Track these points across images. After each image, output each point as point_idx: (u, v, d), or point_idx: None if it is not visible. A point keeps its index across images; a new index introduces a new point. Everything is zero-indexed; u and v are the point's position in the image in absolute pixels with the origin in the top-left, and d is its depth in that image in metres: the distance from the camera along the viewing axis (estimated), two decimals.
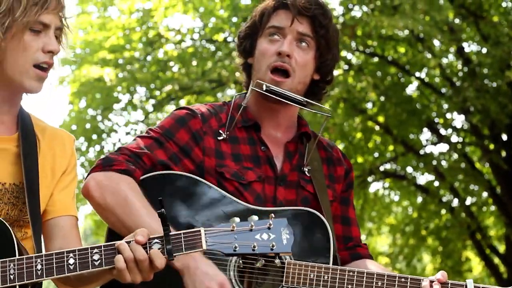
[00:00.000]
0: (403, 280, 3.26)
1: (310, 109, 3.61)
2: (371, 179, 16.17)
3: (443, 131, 15.47)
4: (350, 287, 3.27)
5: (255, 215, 2.82)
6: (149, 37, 14.89)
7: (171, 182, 3.37)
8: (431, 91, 15.02)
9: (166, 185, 3.37)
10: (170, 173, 3.39)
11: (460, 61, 14.67)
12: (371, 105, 15.24)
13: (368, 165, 15.58)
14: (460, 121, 15.65)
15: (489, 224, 17.28)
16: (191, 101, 15.31)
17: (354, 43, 14.13)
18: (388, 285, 3.26)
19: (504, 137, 14.75)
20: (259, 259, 2.91)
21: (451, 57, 14.99)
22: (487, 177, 15.58)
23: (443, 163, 15.38)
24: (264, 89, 3.44)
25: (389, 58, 14.84)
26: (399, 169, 16.24)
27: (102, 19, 15.13)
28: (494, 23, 13.86)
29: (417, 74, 15.00)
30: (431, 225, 16.80)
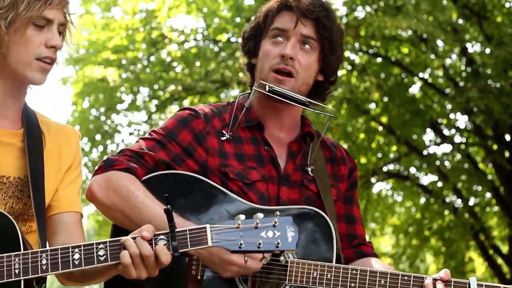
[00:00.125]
0: (406, 278, 3.25)
1: (313, 109, 3.62)
2: (374, 179, 16.15)
3: (446, 131, 15.45)
4: (353, 285, 3.27)
5: (260, 213, 2.82)
6: (153, 38, 14.89)
7: (174, 181, 3.37)
8: (435, 91, 15.00)
9: (169, 185, 3.37)
10: (173, 172, 3.39)
11: (463, 61, 14.65)
12: (374, 105, 15.23)
13: (371, 165, 15.56)
14: (463, 121, 15.67)
15: (493, 224, 17.25)
16: (194, 102, 15.30)
17: (357, 43, 14.11)
18: (391, 283, 3.26)
19: (507, 137, 14.73)
20: (264, 256, 2.91)
21: (454, 58, 14.97)
22: (490, 178, 15.57)
23: (446, 163, 15.36)
24: (267, 90, 3.45)
25: (393, 58, 14.83)
26: (402, 170, 16.22)
27: (105, 19, 15.13)
28: (497, 23, 13.85)
29: (420, 74, 14.99)
30: (434, 225, 16.78)
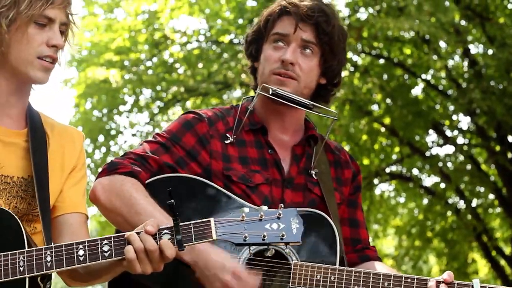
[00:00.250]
0: (409, 280, 3.25)
1: (316, 112, 3.62)
2: (377, 181, 16.15)
3: (449, 132, 15.44)
4: (356, 287, 3.27)
5: (265, 206, 2.82)
6: (155, 39, 14.89)
7: (178, 184, 3.37)
8: (437, 92, 14.99)
9: (173, 188, 3.37)
10: (177, 175, 3.40)
11: (466, 62, 14.64)
12: (377, 106, 15.22)
13: (373, 167, 15.56)
14: (466, 122, 15.67)
15: (495, 226, 17.24)
16: (196, 103, 15.31)
17: (360, 44, 14.11)
18: (394, 285, 3.25)
19: (510, 138, 14.70)
20: (269, 248, 2.89)
21: (457, 59, 14.97)
22: (493, 179, 15.55)
23: (449, 165, 15.36)
24: (270, 93, 3.45)
25: (395, 59, 14.82)
26: (405, 171, 16.21)
27: (108, 20, 15.12)
28: (500, 24, 13.84)
29: (423, 75, 14.98)
30: (437, 227, 16.76)
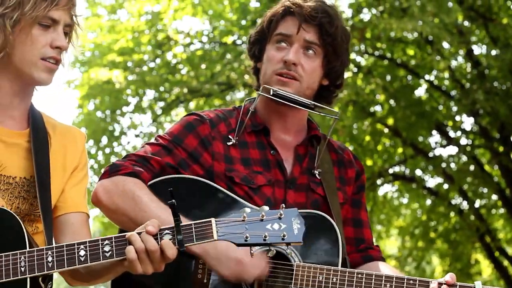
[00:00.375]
0: (411, 282, 3.25)
1: (318, 112, 3.62)
2: (380, 181, 16.14)
3: (452, 133, 15.43)
4: None
5: (266, 206, 2.81)
6: (158, 40, 14.89)
7: (180, 186, 3.37)
8: (440, 93, 14.98)
9: (175, 189, 3.36)
10: (179, 177, 3.40)
11: (469, 63, 14.63)
12: (380, 107, 15.21)
13: (377, 168, 15.55)
14: (469, 123, 15.64)
15: (498, 226, 17.22)
16: (200, 104, 15.31)
17: (363, 45, 14.11)
18: (396, 287, 3.25)
19: None
20: (270, 249, 2.89)
21: (460, 60, 14.96)
22: (496, 180, 15.54)
23: (452, 165, 15.34)
24: (271, 94, 3.45)
25: (398, 60, 14.81)
26: (408, 172, 16.20)
27: (111, 21, 15.13)
28: (503, 25, 13.83)
29: (426, 76, 14.97)
30: (440, 227, 16.74)
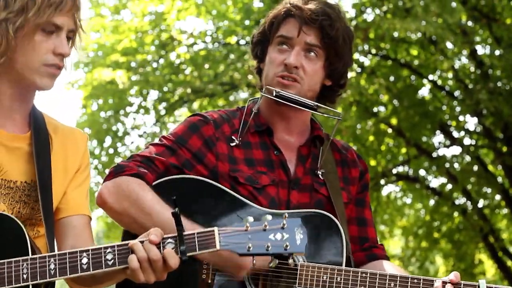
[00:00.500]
0: (415, 281, 3.25)
1: (320, 113, 3.62)
2: (384, 182, 16.14)
3: (455, 133, 15.42)
4: None
5: (269, 215, 2.81)
6: (162, 40, 14.90)
7: (185, 186, 3.37)
8: (444, 93, 14.98)
9: (180, 189, 3.36)
10: (184, 177, 3.40)
11: (472, 63, 14.62)
12: (383, 108, 15.21)
13: (380, 168, 15.55)
14: (472, 123, 15.65)
15: (502, 226, 17.21)
16: (203, 104, 15.32)
17: (366, 45, 14.10)
18: (400, 286, 3.25)
19: None
20: (273, 259, 2.90)
21: (463, 60, 14.95)
22: (500, 180, 15.53)
23: (456, 165, 15.34)
24: (274, 95, 3.45)
25: (402, 60, 14.80)
26: (411, 172, 16.20)
27: (114, 22, 15.14)
28: (507, 25, 13.82)
29: (429, 76, 14.96)
30: (443, 227, 16.75)
